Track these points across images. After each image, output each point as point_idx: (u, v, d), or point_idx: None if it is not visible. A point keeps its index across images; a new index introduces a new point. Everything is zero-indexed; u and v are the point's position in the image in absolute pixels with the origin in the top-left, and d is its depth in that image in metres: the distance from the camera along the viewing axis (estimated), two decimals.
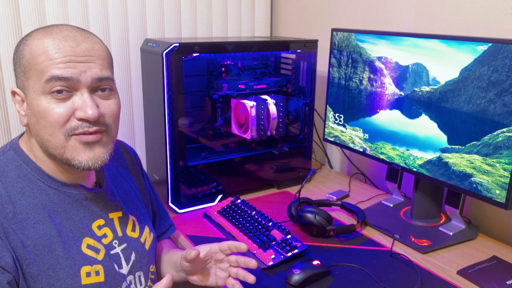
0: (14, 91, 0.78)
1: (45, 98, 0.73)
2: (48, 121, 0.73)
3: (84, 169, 0.77)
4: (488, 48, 0.97)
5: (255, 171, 1.43)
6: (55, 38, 0.74)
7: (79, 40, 0.75)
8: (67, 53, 0.73)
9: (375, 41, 1.23)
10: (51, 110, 0.73)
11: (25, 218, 0.75)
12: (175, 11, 1.56)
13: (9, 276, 0.71)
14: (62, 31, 0.76)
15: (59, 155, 0.76)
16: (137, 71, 1.49)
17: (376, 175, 1.55)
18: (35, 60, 0.73)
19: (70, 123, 0.74)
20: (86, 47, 0.75)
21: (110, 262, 0.83)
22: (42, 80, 0.73)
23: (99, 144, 0.77)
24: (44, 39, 0.74)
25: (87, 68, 0.74)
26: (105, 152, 0.79)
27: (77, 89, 0.74)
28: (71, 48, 0.74)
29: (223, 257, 0.89)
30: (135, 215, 0.93)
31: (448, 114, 1.07)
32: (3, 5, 1.24)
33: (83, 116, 0.74)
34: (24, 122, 0.78)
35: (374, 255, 1.06)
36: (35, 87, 0.74)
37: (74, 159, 0.76)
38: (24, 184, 0.77)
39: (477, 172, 1.02)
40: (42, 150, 0.78)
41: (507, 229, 1.18)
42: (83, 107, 0.74)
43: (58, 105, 0.73)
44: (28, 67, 0.74)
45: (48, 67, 0.72)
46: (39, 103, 0.73)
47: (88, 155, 0.76)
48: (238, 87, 1.40)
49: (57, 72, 0.72)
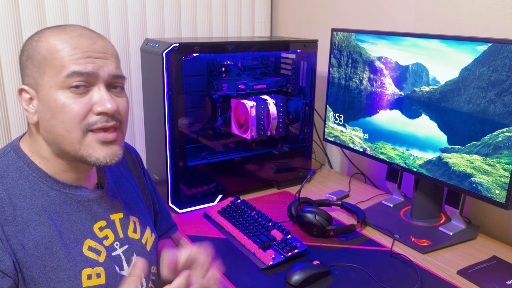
0: (22, 89, 0.77)
1: (63, 93, 0.73)
2: (67, 116, 0.74)
3: (100, 165, 0.77)
4: (488, 48, 0.97)
5: (255, 171, 1.43)
6: (71, 36, 0.75)
7: (94, 38, 0.77)
8: (85, 49, 0.75)
9: (375, 41, 1.23)
10: (70, 105, 0.73)
11: (26, 221, 0.75)
12: (175, 11, 1.56)
13: (9, 280, 0.71)
14: (77, 29, 0.77)
15: (73, 151, 0.76)
16: (137, 71, 1.49)
17: (376, 175, 1.55)
18: (53, 56, 0.74)
19: (88, 119, 0.75)
20: (101, 45, 0.77)
21: (111, 264, 0.83)
22: (61, 75, 0.73)
23: (115, 142, 0.79)
24: (61, 35, 0.75)
25: (104, 64, 0.76)
26: (120, 149, 0.80)
27: (94, 84, 0.75)
28: (88, 44, 0.75)
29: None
30: (136, 216, 0.92)
31: (448, 114, 1.07)
32: (3, 5, 1.24)
33: (102, 110, 0.74)
34: (33, 119, 0.77)
35: (374, 255, 1.06)
36: (51, 82, 0.74)
37: (91, 156, 0.76)
38: (25, 186, 0.77)
39: (477, 172, 1.02)
40: (52, 149, 0.78)
41: (507, 229, 1.18)
42: (102, 101, 0.75)
43: (76, 100, 0.74)
44: (45, 63, 0.74)
45: (68, 63, 0.73)
46: (57, 98, 0.73)
47: (106, 152, 0.77)
48: (238, 87, 1.40)
49: (78, 68, 0.73)
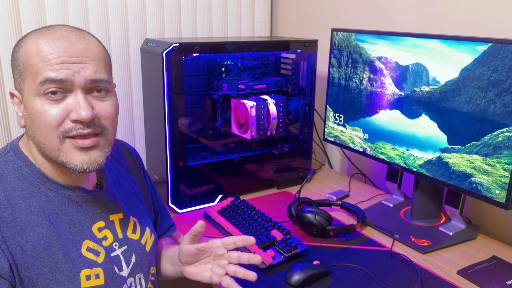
0: (12, 93, 0.78)
1: (39, 100, 0.72)
2: (42, 123, 0.72)
3: (79, 172, 0.76)
4: (488, 48, 0.97)
5: (255, 171, 1.43)
6: (48, 39, 0.73)
7: (74, 40, 0.74)
8: (61, 54, 0.72)
9: (375, 41, 1.23)
10: (45, 112, 0.72)
11: (24, 222, 0.74)
12: (175, 11, 1.56)
13: (4, 282, 0.71)
14: (57, 31, 0.75)
15: (54, 158, 0.75)
16: (137, 71, 1.49)
17: (376, 175, 1.55)
18: (29, 62, 0.73)
19: (64, 125, 0.73)
20: (80, 48, 0.74)
21: (110, 264, 0.82)
22: (36, 82, 0.72)
23: (95, 148, 0.76)
24: (38, 40, 0.73)
25: (81, 69, 0.73)
26: (101, 155, 0.77)
27: (71, 90, 0.73)
28: (64, 48, 0.72)
29: (224, 253, 0.86)
30: (136, 217, 0.92)
31: (448, 114, 1.07)
32: (3, 5, 1.24)
33: (76, 118, 0.72)
34: (21, 124, 0.77)
35: (374, 255, 1.06)
36: (30, 89, 0.73)
37: (70, 163, 0.75)
38: (24, 187, 0.77)
39: (477, 172, 1.02)
40: (40, 152, 0.77)
41: (507, 229, 1.18)
42: (77, 108, 0.72)
43: (52, 107, 0.72)
44: (23, 69, 0.74)
45: (42, 69, 0.71)
46: (34, 105, 0.73)
47: (83, 158, 0.75)
48: (238, 87, 1.40)
49: (51, 74, 0.71)
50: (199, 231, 0.85)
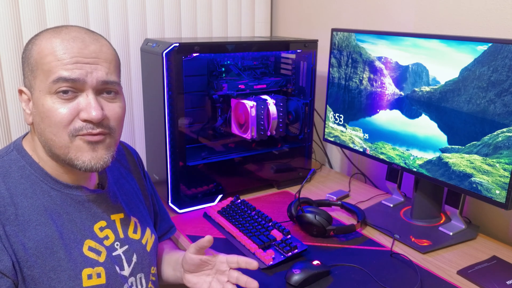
0: (21, 90, 0.78)
1: (50, 98, 0.73)
2: (52, 121, 0.74)
3: (86, 170, 0.76)
4: (488, 48, 0.97)
5: (255, 171, 1.43)
6: (63, 39, 0.74)
7: (87, 41, 0.75)
8: (75, 54, 0.73)
9: (375, 41, 1.23)
10: (56, 110, 0.73)
11: (27, 220, 0.75)
12: (175, 11, 1.56)
13: (7, 280, 0.71)
14: (71, 32, 0.76)
15: (62, 155, 0.76)
16: (137, 71, 1.49)
17: (376, 175, 1.55)
18: (42, 60, 0.74)
19: (74, 124, 0.74)
20: (93, 49, 0.75)
21: (112, 264, 0.83)
22: (49, 80, 0.73)
23: (102, 145, 0.77)
24: (52, 39, 0.74)
25: (94, 70, 0.74)
26: (107, 154, 0.78)
27: (82, 90, 0.74)
28: (79, 49, 0.74)
29: (225, 270, 0.89)
30: (136, 217, 0.93)
31: (448, 114, 1.07)
32: (3, 5, 1.24)
33: (87, 117, 0.74)
34: (29, 120, 0.78)
35: (374, 255, 1.06)
36: (41, 87, 0.74)
37: (78, 159, 0.76)
38: (27, 185, 0.77)
39: (477, 172, 1.02)
40: (45, 150, 0.78)
41: (507, 229, 1.18)
42: (88, 108, 0.74)
43: (63, 106, 0.73)
44: (36, 67, 0.74)
45: (55, 68, 0.73)
46: (44, 103, 0.74)
47: (91, 155, 0.76)
48: (238, 87, 1.40)
49: (65, 74, 0.72)
50: (205, 245, 0.87)
